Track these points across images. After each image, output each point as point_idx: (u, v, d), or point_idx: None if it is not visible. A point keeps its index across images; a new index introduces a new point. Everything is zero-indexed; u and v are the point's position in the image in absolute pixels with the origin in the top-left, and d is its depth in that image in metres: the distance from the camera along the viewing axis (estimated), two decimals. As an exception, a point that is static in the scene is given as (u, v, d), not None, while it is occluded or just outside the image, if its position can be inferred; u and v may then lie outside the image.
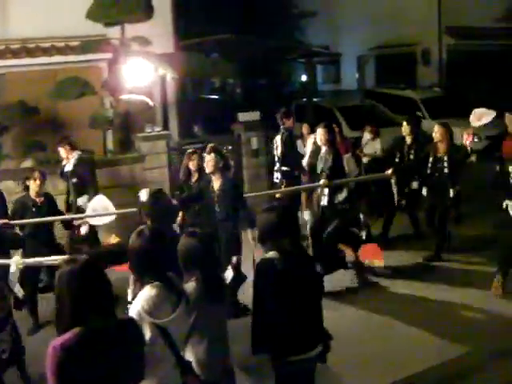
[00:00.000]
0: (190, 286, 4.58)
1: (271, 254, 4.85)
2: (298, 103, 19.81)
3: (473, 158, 10.83)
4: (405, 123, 11.42)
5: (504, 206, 8.81)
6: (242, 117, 13.75)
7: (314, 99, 19.28)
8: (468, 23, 23.28)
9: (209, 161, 8.17)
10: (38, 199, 8.55)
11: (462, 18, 23.28)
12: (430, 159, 10.40)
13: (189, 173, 9.46)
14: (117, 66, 12.82)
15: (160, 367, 3.98)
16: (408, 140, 11.29)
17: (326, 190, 10.08)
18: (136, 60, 12.45)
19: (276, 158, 11.79)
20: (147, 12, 12.47)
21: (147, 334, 3.88)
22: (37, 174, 8.51)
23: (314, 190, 10.60)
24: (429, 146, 10.61)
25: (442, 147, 10.36)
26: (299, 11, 25.83)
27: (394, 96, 19.97)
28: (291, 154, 11.55)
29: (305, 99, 18.10)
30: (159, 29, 14.01)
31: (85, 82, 12.21)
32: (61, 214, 9.19)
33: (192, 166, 9.40)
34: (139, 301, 4.06)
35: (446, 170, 10.28)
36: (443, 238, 10.57)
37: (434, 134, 10.47)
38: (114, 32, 12.91)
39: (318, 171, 10.17)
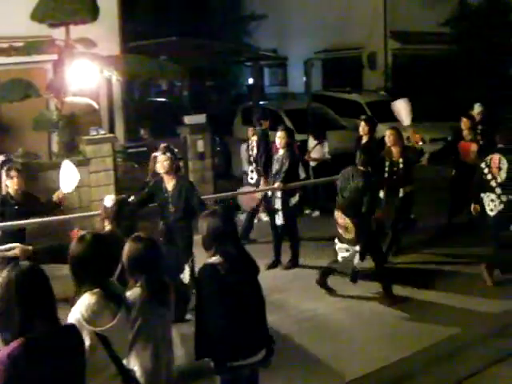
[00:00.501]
0: (134, 291, 4.57)
1: (214, 259, 4.84)
2: (244, 106, 19.84)
3: (424, 161, 11.17)
4: (363, 123, 11.61)
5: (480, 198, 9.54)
6: (188, 119, 13.72)
7: (261, 102, 19.33)
8: (412, 28, 23.63)
9: (164, 160, 8.05)
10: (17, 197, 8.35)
11: (406, 22, 23.63)
12: (386, 163, 10.53)
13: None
14: (62, 68, 12.65)
15: (100, 375, 3.93)
16: (364, 139, 11.44)
17: (279, 193, 10.19)
18: (81, 62, 12.32)
19: (251, 159, 11.91)
20: (93, 13, 12.34)
21: (87, 341, 3.82)
22: (13, 172, 8.31)
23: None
24: (383, 151, 10.76)
25: (395, 151, 10.50)
26: (247, 14, 25.85)
27: (340, 99, 20.14)
28: (267, 155, 11.66)
29: (251, 102, 18.12)
30: (105, 30, 13.89)
31: (29, 83, 12.02)
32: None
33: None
34: (78, 309, 4.00)
35: (401, 172, 10.46)
36: (394, 239, 10.73)
37: (386, 138, 10.60)
38: (59, 33, 12.75)
39: (273, 173, 10.32)
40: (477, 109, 12.83)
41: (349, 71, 25.07)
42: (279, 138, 10.37)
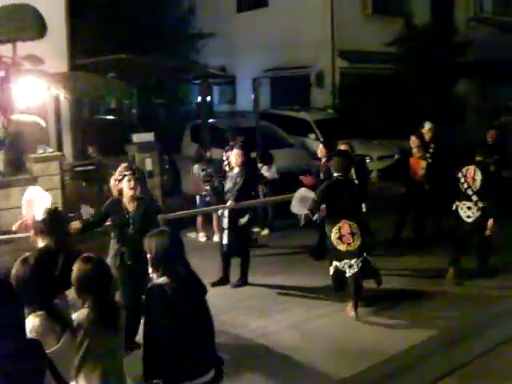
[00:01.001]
0: (81, 313, 4.53)
1: (161, 279, 4.81)
2: (193, 124, 19.85)
3: (374, 177, 11.51)
4: (321, 146, 12.07)
5: (454, 207, 10.42)
6: (137, 138, 13.68)
7: (210, 120, 19.36)
8: (360, 47, 23.95)
9: (131, 180, 7.85)
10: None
11: (354, 42, 23.94)
12: None
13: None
14: (8, 85, 12.54)
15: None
16: (323, 160, 11.65)
17: (226, 212, 10.20)
18: (28, 79, 12.22)
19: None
20: (40, 30, 12.29)
21: None
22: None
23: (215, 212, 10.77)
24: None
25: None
26: (196, 32, 25.87)
27: (288, 117, 20.30)
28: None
29: (200, 120, 18.17)
30: (53, 47, 13.82)
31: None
32: None
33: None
34: None
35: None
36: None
37: None
38: (6, 50, 12.63)
39: (225, 191, 10.34)
40: (427, 126, 13.11)
41: (297, 89, 25.26)
42: (236, 155, 10.40)
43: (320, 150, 12.01)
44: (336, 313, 9.29)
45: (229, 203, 10.19)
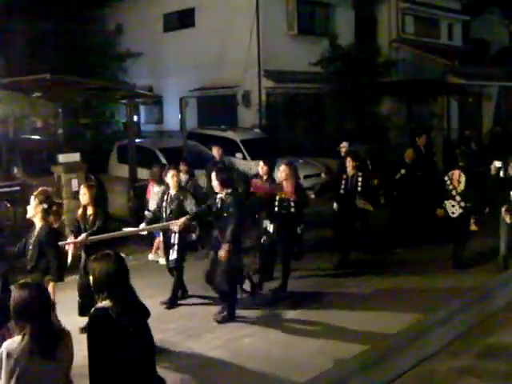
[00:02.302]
0: (14, 340, 4.48)
1: (105, 303, 4.77)
2: (120, 144, 19.80)
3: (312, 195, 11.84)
4: (262, 163, 12.06)
5: (443, 205, 12.29)
6: (62, 158, 13.59)
7: (137, 140, 19.35)
8: (286, 67, 24.29)
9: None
10: None
11: (280, 62, 24.27)
12: (277, 197, 10.81)
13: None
14: None
15: None
16: (265, 177, 11.74)
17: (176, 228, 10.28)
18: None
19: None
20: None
21: None
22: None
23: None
24: (275, 185, 11.13)
25: (288, 186, 10.80)
26: (123, 51, 25.82)
27: (215, 137, 20.41)
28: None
29: (127, 140, 18.16)
30: (-24, 67, 13.65)
31: None
32: None
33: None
34: None
35: (292, 210, 10.77)
36: (287, 272, 11.13)
37: (279, 174, 10.92)
38: None
39: (166, 213, 10.35)
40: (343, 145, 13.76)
41: (224, 109, 25.47)
42: (172, 177, 10.61)
43: (261, 167, 12.01)
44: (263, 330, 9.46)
45: (182, 220, 10.21)
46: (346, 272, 12.35)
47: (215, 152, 14.40)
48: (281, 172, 10.94)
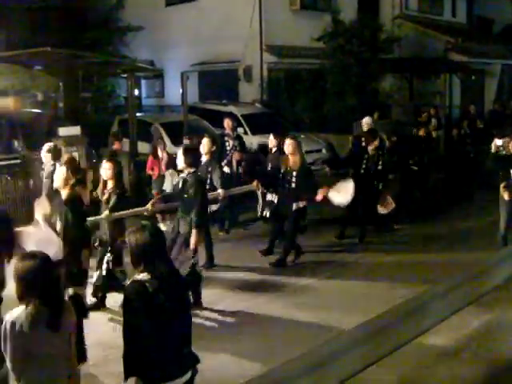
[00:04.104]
0: (16, 309, 4.43)
1: (142, 276, 4.69)
2: (121, 118, 19.80)
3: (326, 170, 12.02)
4: (272, 136, 12.03)
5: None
6: (63, 131, 13.58)
7: (138, 114, 19.34)
8: (288, 43, 24.23)
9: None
10: None
11: (282, 37, 24.20)
12: (282, 170, 10.90)
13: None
14: None
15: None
16: (274, 150, 11.86)
17: None
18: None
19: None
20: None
21: None
22: None
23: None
24: (282, 158, 11.20)
25: (293, 160, 10.87)
26: (124, 25, 25.71)
27: (216, 111, 20.40)
28: None
29: (127, 114, 18.15)
30: (-24, 40, 13.63)
31: None
32: None
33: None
34: None
35: (293, 185, 10.83)
36: (291, 244, 11.30)
37: (286, 147, 10.97)
38: None
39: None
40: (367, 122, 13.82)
41: (225, 84, 25.43)
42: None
43: (270, 140, 12.21)
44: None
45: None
46: (349, 246, 12.62)
47: (226, 124, 14.38)
48: (287, 146, 10.98)
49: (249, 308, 9.39)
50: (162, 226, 13.25)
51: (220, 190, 11.11)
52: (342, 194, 11.04)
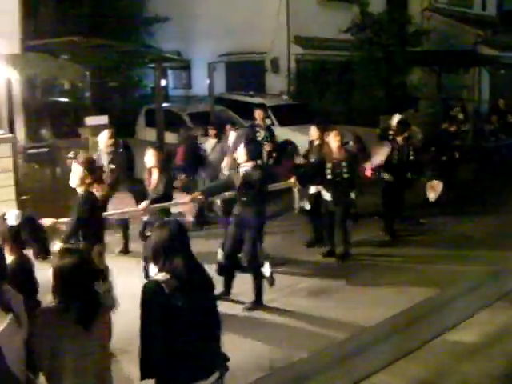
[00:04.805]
0: (47, 306, 4.39)
1: (160, 275, 4.53)
2: (148, 108, 19.86)
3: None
4: (314, 127, 11.97)
5: None
6: (90, 120, 13.63)
7: (165, 104, 19.37)
8: (315, 34, 24.12)
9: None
10: None
11: (309, 28, 24.09)
12: (328, 165, 10.83)
13: None
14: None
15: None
16: (317, 143, 11.75)
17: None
18: (-21, 60, 12.11)
19: None
20: (-9, 10, 12.14)
21: None
22: None
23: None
24: (323, 151, 11.15)
25: (340, 152, 10.84)
26: (151, 16, 25.72)
27: (243, 102, 20.37)
28: None
29: (154, 104, 18.19)
30: (5, 28, 13.66)
31: None
32: None
33: None
34: None
35: (345, 176, 10.79)
36: (347, 236, 11.32)
37: (332, 139, 10.93)
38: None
39: None
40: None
41: (252, 75, 25.34)
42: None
43: (312, 131, 12.03)
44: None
45: None
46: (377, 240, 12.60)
47: (257, 115, 14.32)
48: (335, 138, 10.92)
49: (272, 300, 9.34)
50: (189, 217, 13.28)
51: None
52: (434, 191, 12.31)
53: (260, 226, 9.17)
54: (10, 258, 5.21)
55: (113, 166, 11.38)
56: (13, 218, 5.32)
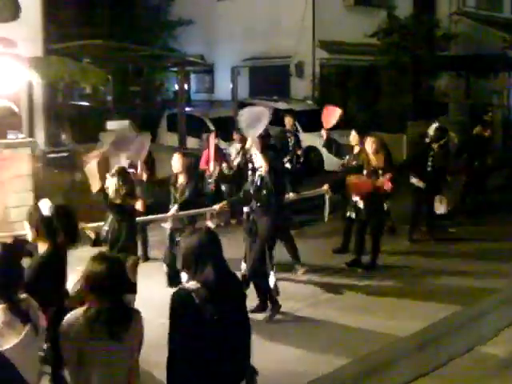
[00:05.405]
0: (74, 315, 4.29)
1: (190, 284, 4.41)
2: (170, 112, 19.80)
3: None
4: (353, 132, 11.63)
5: None
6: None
7: (187, 109, 19.29)
8: (341, 38, 23.97)
9: None
10: None
11: (335, 33, 23.94)
12: (365, 172, 10.65)
13: None
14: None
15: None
16: (356, 149, 11.52)
17: None
18: (1, 62, 12.05)
19: None
20: (14, 12, 12.09)
21: None
22: None
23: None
24: (361, 157, 10.96)
25: (378, 159, 10.62)
26: (175, 19, 25.76)
27: (266, 107, 20.19)
28: None
29: (176, 109, 18.12)
30: (27, 30, 13.65)
31: None
32: None
33: None
34: None
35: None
36: (377, 247, 11.10)
37: (367, 145, 10.74)
38: (-22, 32, 12.47)
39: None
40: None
41: (276, 79, 25.24)
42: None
43: (353, 136, 11.63)
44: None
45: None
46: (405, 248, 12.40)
47: (287, 121, 14.20)
48: (370, 144, 10.71)
49: (297, 310, 9.20)
50: (210, 224, 13.14)
51: (291, 194, 10.96)
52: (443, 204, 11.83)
53: (270, 235, 8.94)
54: (42, 248, 5.39)
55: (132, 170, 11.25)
56: (46, 207, 5.39)
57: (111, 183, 7.44)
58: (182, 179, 9.37)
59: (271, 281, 8.89)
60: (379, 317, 8.94)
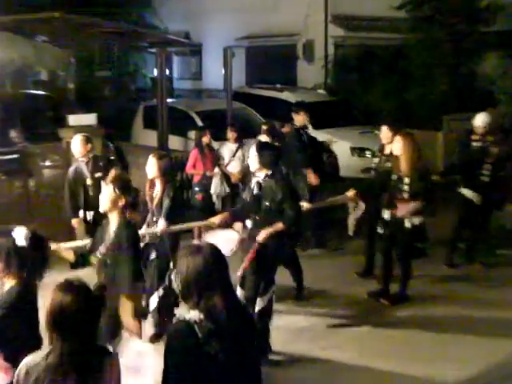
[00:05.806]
0: (37, 355, 4.30)
1: (192, 314, 4.38)
2: (147, 104, 19.70)
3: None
4: (386, 128, 11.58)
5: None
6: (74, 120, 13.45)
7: (169, 100, 19.17)
8: (360, 12, 23.97)
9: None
10: None
11: (352, 5, 23.95)
12: (394, 177, 10.49)
13: None
14: None
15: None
16: (388, 148, 11.42)
17: None
18: None
19: None
20: None
21: None
22: None
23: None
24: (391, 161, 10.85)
25: (403, 162, 10.41)
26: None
27: (268, 98, 20.22)
28: None
29: (155, 100, 18.03)
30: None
31: None
32: None
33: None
34: None
35: (405, 195, 10.40)
36: (408, 272, 10.89)
37: (394, 147, 10.58)
38: None
39: None
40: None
41: (280, 64, 25.36)
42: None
43: (384, 132, 11.61)
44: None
45: None
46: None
47: (297, 117, 14.08)
48: (396, 145, 10.54)
49: (312, 350, 9.10)
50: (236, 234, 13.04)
51: (304, 202, 10.74)
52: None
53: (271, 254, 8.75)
54: (8, 284, 5.31)
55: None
56: (21, 236, 5.36)
57: (107, 192, 7.31)
58: (158, 186, 9.24)
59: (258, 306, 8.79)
60: (413, 362, 8.79)
